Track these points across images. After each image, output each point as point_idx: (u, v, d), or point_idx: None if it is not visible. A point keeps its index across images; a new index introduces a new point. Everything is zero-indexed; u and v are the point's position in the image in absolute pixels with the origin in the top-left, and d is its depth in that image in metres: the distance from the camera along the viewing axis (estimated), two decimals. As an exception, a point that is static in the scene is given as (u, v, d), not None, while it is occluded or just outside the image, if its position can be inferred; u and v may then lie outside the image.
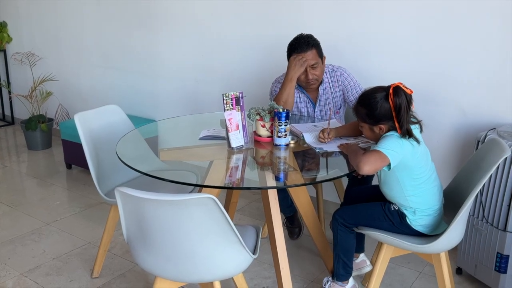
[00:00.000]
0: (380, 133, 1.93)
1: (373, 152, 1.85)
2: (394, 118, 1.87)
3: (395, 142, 1.86)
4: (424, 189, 1.95)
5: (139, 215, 1.65)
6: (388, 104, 1.86)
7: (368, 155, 1.85)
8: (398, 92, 1.85)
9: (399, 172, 1.91)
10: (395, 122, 1.87)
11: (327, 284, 2.24)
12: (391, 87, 1.86)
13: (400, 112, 1.85)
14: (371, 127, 1.94)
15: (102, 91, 4.35)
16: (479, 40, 2.48)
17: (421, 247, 1.94)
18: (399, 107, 1.85)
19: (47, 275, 2.55)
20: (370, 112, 1.91)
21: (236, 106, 2.20)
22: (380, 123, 1.91)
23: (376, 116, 1.90)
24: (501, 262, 2.25)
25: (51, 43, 4.65)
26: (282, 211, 2.74)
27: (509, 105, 2.46)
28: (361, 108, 1.94)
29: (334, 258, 2.19)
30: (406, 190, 1.95)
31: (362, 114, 1.95)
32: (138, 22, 3.88)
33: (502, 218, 2.22)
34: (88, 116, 2.48)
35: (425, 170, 1.95)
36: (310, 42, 2.48)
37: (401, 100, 1.84)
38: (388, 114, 1.88)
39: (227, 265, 1.74)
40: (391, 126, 1.90)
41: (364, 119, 1.95)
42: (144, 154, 2.40)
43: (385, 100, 1.87)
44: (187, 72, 3.73)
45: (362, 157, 1.84)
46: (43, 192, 3.64)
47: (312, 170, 2.18)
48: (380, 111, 1.88)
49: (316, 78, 2.53)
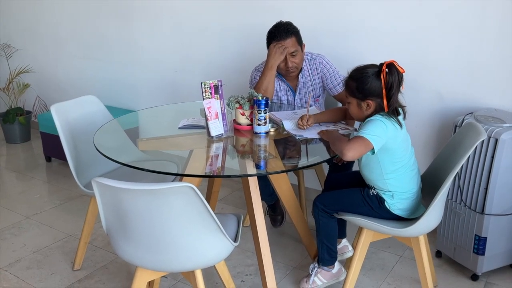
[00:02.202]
0: (367, 111, 1.93)
1: (357, 138, 1.86)
2: (384, 95, 1.87)
3: (378, 127, 1.86)
4: (403, 173, 1.97)
5: (117, 206, 1.64)
6: (379, 80, 1.87)
7: (352, 142, 1.85)
8: (391, 69, 1.86)
9: (381, 155, 1.93)
10: (383, 99, 1.87)
11: (313, 271, 2.26)
12: (384, 63, 1.87)
13: (392, 90, 1.86)
14: (359, 102, 1.94)
15: (81, 82, 4.28)
16: (455, 26, 2.49)
17: (400, 231, 1.97)
18: (390, 84, 1.86)
19: (28, 269, 2.52)
20: (360, 86, 1.90)
21: (215, 94, 2.19)
22: (369, 98, 1.90)
23: (366, 91, 1.89)
24: (479, 244, 2.29)
25: (27, 34, 4.55)
26: (264, 199, 2.75)
27: (485, 90, 2.49)
28: (352, 82, 1.94)
29: (318, 244, 2.21)
30: (386, 174, 1.96)
31: (352, 88, 1.94)
32: (115, 11, 3.82)
33: (479, 201, 2.26)
34: (65, 107, 2.44)
35: (405, 154, 1.97)
36: (289, 29, 2.47)
37: (393, 78, 1.85)
38: (378, 91, 1.88)
39: (208, 253, 1.74)
40: (379, 104, 1.90)
41: (354, 93, 1.94)
42: (124, 145, 2.38)
43: (377, 76, 1.88)
44: (166, 61, 3.69)
45: (346, 144, 1.85)
46: (22, 185, 3.59)
47: (293, 157, 2.18)
48: (371, 86, 1.88)
49: (296, 66, 2.52)
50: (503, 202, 2.24)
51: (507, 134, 2.13)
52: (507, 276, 2.40)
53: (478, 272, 2.34)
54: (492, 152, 2.17)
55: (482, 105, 2.48)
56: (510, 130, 2.14)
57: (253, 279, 2.42)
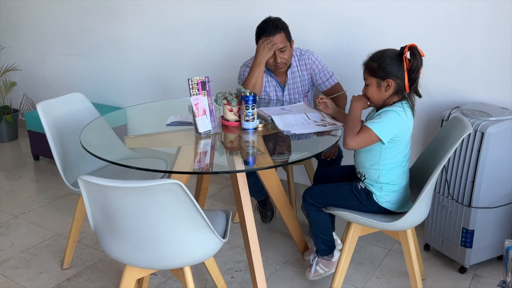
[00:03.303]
0: (387, 91, 1.93)
1: (365, 130, 1.89)
2: (405, 77, 1.89)
3: (392, 118, 1.89)
4: (398, 166, 1.99)
5: (104, 204, 1.63)
6: (401, 62, 1.89)
7: (360, 134, 1.89)
8: (413, 52, 1.89)
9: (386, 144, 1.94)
10: (405, 81, 1.89)
11: (314, 261, 2.29)
12: (406, 46, 1.89)
13: (415, 72, 1.89)
14: (379, 82, 1.93)
15: (68, 79, 4.25)
16: (441, 20, 2.51)
17: (388, 225, 1.98)
18: (414, 67, 1.88)
19: (16, 268, 2.50)
20: (381, 65, 1.91)
21: (202, 90, 2.18)
22: (389, 77, 1.91)
23: (387, 70, 1.90)
24: (467, 237, 2.31)
25: (12, 32, 4.50)
26: (254, 195, 2.75)
27: (472, 84, 2.50)
28: (373, 62, 1.95)
29: (313, 236, 2.25)
30: (383, 164, 1.98)
31: (372, 67, 1.94)
32: (102, 7, 3.79)
33: (466, 194, 2.28)
34: (51, 105, 2.42)
35: (407, 147, 2.00)
36: (278, 25, 2.46)
37: (416, 60, 1.88)
38: (399, 71, 1.89)
39: (196, 250, 1.74)
40: (399, 85, 1.91)
41: (375, 72, 1.93)
42: (111, 143, 2.36)
43: (399, 58, 1.90)
44: (153, 58, 3.67)
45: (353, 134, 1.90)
46: (10, 184, 3.55)
47: (282, 153, 2.18)
48: (392, 65, 1.90)
49: (285, 62, 2.52)
50: (490, 195, 2.26)
51: (493, 128, 2.15)
52: (495, 268, 2.42)
53: (466, 265, 2.37)
54: (478, 145, 2.19)
55: (469, 99, 2.50)
56: (496, 124, 2.16)
57: (243, 275, 2.43)
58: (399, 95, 1.93)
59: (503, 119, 2.19)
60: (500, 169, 2.24)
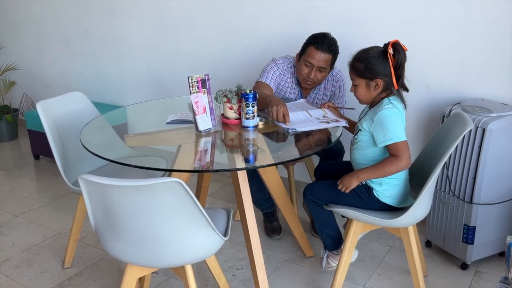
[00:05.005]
0: (375, 90, 1.95)
1: (397, 146, 1.89)
2: (392, 74, 1.90)
3: (396, 120, 1.91)
4: None
5: (105, 202, 1.63)
6: (386, 59, 1.90)
7: (400, 155, 1.88)
8: (396, 48, 1.90)
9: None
10: (392, 78, 1.90)
11: (324, 255, 2.28)
12: (389, 43, 1.90)
13: (400, 68, 1.90)
14: (368, 82, 1.95)
15: (67, 78, 4.24)
16: (441, 16, 2.50)
17: (389, 222, 1.97)
18: (398, 63, 1.89)
19: (17, 268, 2.50)
20: (368, 66, 1.92)
21: (202, 88, 2.17)
22: (377, 77, 1.92)
23: (374, 70, 1.91)
24: (468, 233, 2.31)
25: (11, 31, 4.49)
26: (259, 206, 2.70)
27: (473, 80, 2.50)
28: (359, 63, 1.95)
29: (318, 232, 2.24)
30: (380, 159, 1.97)
31: (359, 69, 1.95)
32: (100, 6, 3.78)
33: (468, 190, 2.27)
34: (51, 104, 2.42)
35: None
36: (332, 47, 2.40)
37: (400, 56, 1.89)
38: (385, 69, 1.90)
39: (197, 248, 1.74)
40: (387, 83, 1.92)
41: (362, 73, 1.94)
42: (111, 141, 2.36)
43: (383, 56, 1.90)
44: (153, 56, 3.66)
45: (397, 160, 1.88)
46: (11, 184, 3.55)
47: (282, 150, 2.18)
48: (379, 65, 1.91)
49: (316, 81, 2.48)
50: (491, 191, 2.26)
51: (494, 124, 2.14)
52: (496, 264, 2.42)
53: (468, 261, 2.36)
54: (479, 141, 2.18)
55: (470, 95, 2.49)
56: (497, 120, 2.16)
57: (244, 273, 2.43)
58: (387, 91, 1.96)
59: (504, 115, 2.18)
60: (501, 165, 2.23)
